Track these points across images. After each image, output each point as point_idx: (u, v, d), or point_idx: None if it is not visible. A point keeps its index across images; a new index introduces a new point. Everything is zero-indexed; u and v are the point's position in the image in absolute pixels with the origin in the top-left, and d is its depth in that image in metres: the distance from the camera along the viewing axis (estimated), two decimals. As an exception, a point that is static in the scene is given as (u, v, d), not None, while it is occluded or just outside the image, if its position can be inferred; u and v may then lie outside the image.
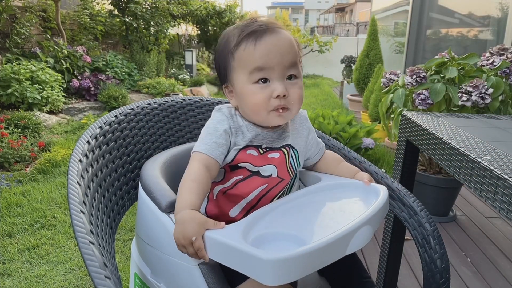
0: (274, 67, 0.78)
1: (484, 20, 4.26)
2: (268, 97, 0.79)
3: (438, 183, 2.24)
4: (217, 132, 0.82)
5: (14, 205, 2.44)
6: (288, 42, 0.81)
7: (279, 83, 0.79)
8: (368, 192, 0.87)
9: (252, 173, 0.84)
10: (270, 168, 0.85)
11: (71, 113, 4.85)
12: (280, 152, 0.87)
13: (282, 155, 0.87)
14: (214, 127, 0.83)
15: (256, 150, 0.84)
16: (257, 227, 0.72)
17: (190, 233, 0.67)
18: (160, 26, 7.05)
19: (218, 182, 0.87)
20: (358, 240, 0.70)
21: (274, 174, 0.85)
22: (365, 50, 5.16)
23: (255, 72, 0.79)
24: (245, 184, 0.84)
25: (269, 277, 0.61)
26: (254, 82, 0.79)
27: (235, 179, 0.85)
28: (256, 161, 0.84)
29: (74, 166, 0.80)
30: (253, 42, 0.78)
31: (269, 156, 0.85)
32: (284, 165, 0.87)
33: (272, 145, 0.86)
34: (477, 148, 0.94)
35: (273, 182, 0.86)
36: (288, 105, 0.81)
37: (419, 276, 1.77)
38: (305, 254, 0.61)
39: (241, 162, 0.83)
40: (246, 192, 0.84)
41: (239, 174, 0.85)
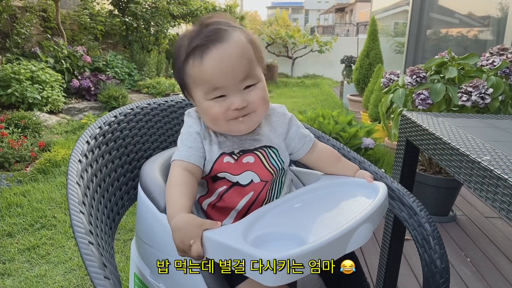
0: (225, 84, 0.74)
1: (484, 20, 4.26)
2: (225, 110, 0.76)
3: (438, 183, 2.24)
4: (191, 136, 0.82)
5: (14, 205, 2.44)
6: (238, 50, 0.75)
7: (236, 97, 0.76)
8: (367, 189, 0.87)
9: (232, 183, 0.82)
10: (248, 175, 0.82)
11: (71, 113, 4.85)
12: (254, 156, 0.84)
13: (257, 158, 0.84)
14: (187, 131, 0.83)
15: (230, 157, 0.82)
16: (256, 227, 0.72)
17: (188, 238, 0.66)
18: (160, 26, 7.05)
19: (204, 195, 0.86)
20: (358, 238, 0.70)
21: (255, 179, 0.83)
22: (365, 50, 5.15)
23: (210, 91, 0.76)
24: (230, 195, 0.83)
25: (268, 278, 0.60)
26: (210, 99, 0.77)
27: (219, 191, 0.83)
28: (232, 169, 0.82)
29: (74, 166, 0.80)
30: (200, 58, 0.74)
31: (244, 161, 0.83)
32: (262, 167, 0.84)
33: (245, 147, 0.83)
34: (477, 148, 0.94)
35: (258, 188, 0.84)
36: (249, 111, 0.78)
37: (419, 276, 1.77)
38: (305, 253, 0.61)
39: (220, 172, 0.82)
40: (234, 203, 0.83)
41: (221, 185, 0.83)
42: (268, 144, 0.86)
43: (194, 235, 0.66)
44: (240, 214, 0.83)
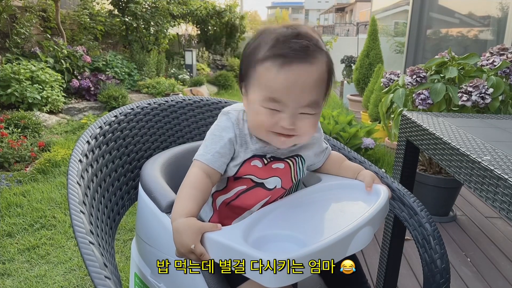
0: (288, 103, 0.73)
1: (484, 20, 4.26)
2: (273, 122, 0.75)
3: (438, 183, 2.24)
4: (222, 141, 0.79)
5: (14, 205, 2.44)
6: (317, 78, 0.73)
7: (288, 117, 0.74)
8: (368, 192, 0.87)
9: (256, 184, 0.82)
10: (274, 180, 0.83)
11: (71, 113, 4.85)
12: (285, 163, 0.84)
13: (287, 166, 0.84)
14: (220, 134, 0.80)
15: (260, 160, 0.81)
16: (257, 228, 0.72)
17: (187, 242, 0.66)
18: (160, 26, 7.04)
19: (220, 191, 0.86)
20: (359, 241, 0.70)
21: (278, 185, 0.84)
22: (365, 50, 5.15)
23: (268, 100, 0.73)
24: (248, 196, 0.83)
25: (269, 279, 0.60)
26: (265, 107, 0.74)
27: (238, 190, 0.83)
28: (260, 173, 0.81)
29: (74, 166, 0.80)
30: (278, 67, 0.71)
31: (274, 167, 0.83)
32: (289, 175, 0.85)
33: (277, 155, 0.83)
34: (477, 148, 0.94)
35: (277, 194, 0.84)
36: (293, 133, 0.76)
37: (419, 276, 1.77)
38: (306, 256, 0.61)
39: (245, 175, 0.82)
40: (249, 205, 0.83)
41: (242, 184, 0.83)
42: (299, 154, 0.87)
43: (193, 239, 0.66)
44: None
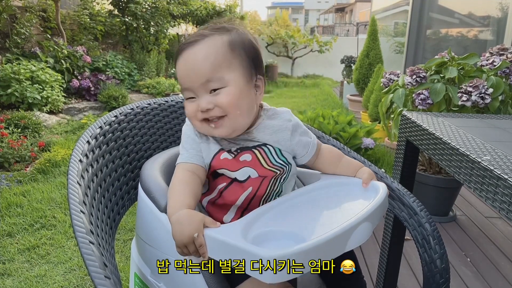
0: (194, 85, 0.78)
1: (484, 20, 4.26)
2: (195, 110, 0.80)
3: (438, 183, 2.24)
4: (188, 138, 0.84)
5: (14, 205, 2.44)
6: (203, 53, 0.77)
7: (202, 98, 0.78)
8: (367, 189, 0.87)
9: (231, 180, 0.83)
10: (245, 171, 0.83)
11: (71, 113, 4.85)
12: (251, 153, 0.84)
13: (254, 156, 0.84)
14: (185, 134, 0.86)
15: (228, 153, 0.83)
16: (256, 226, 0.72)
17: (190, 231, 0.66)
18: (160, 26, 7.05)
19: (204, 193, 0.87)
20: (358, 237, 0.70)
21: (253, 175, 0.83)
22: (365, 50, 5.15)
23: (183, 91, 0.81)
24: (229, 192, 0.84)
25: (268, 275, 0.61)
26: (186, 98, 0.81)
27: (218, 188, 0.85)
28: (230, 165, 0.82)
29: (74, 166, 0.80)
30: (177, 59, 0.80)
31: (241, 159, 0.83)
32: (259, 165, 0.84)
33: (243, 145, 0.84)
34: (477, 148, 0.94)
35: (256, 183, 0.84)
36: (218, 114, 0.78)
37: (419, 276, 1.77)
38: (304, 251, 0.61)
39: (218, 169, 0.83)
40: (233, 200, 0.83)
41: (221, 182, 0.84)
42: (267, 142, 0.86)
43: (196, 228, 0.66)
44: (241, 209, 0.84)
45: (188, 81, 0.79)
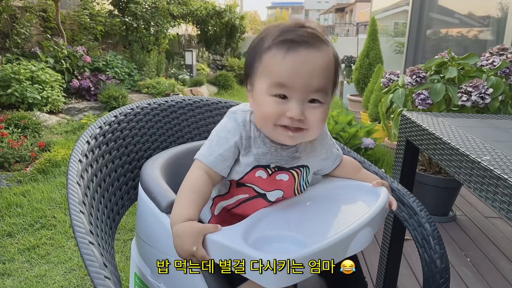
0: (296, 87, 0.70)
1: (484, 20, 4.26)
2: (280, 113, 0.72)
3: (438, 183, 2.24)
4: (227, 143, 0.77)
5: (14, 205, 2.44)
6: (325, 63, 0.71)
7: (297, 105, 0.71)
8: (368, 193, 0.87)
9: (258, 194, 0.81)
10: (277, 193, 0.81)
11: (71, 113, 4.85)
12: (289, 174, 0.81)
13: (291, 178, 0.81)
14: (225, 137, 0.77)
15: (264, 171, 0.79)
16: (257, 229, 0.72)
17: (189, 245, 0.66)
18: (160, 26, 7.05)
19: (221, 196, 0.84)
20: (359, 242, 0.70)
21: (280, 196, 0.82)
22: (365, 50, 5.15)
23: (275, 86, 0.71)
24: (249, 205, 0.81)
25: (270, 280, 0.60)
26: (271, 94, 0.72)
27: (240, 198, 0.82)
28: (264, 185, 0.80)
29: (74, 166, 0.80)
30: (284, 52, 0.70)
31: (277, 178, 0.80)
32: (292, 188, 0.83)
33: (282, 164, 0.80)
34: (477, 148, 0.94)
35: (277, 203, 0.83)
36: (302, 126, 0.73)
37: (419, 276, 1.77)
38: (306, 256, 0.61)
39: (249, 183, 0.80)
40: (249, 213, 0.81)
41: (244, 192, 0.81)
42: (305, 164, 0.83)
43: (194, 242, 0.66)
44: None
45: (297, 80, 0.70)
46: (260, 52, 0.74)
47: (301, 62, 0.70)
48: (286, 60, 0.70)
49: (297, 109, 0.71)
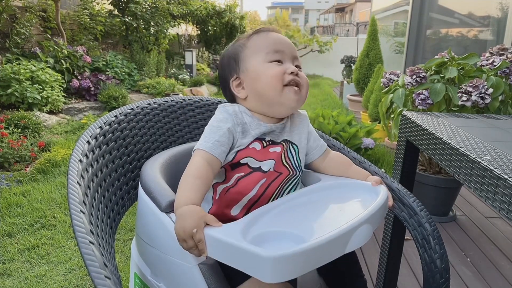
0: (286, 52, 0.88)
1: (484, 20, 4.26)
2: (283, 71, 0.86)
3: (438, 183, 2.24)
4: (221, 130, 0.83)
5: (14, 205, 2.44)
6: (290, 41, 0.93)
7: (291, 65, 0.88)
8: (368, 191, 0.87)
9: (253, 169, 0.85)
10: (269, 162, 0.86)
11: (71, 113, 4.85)
12: (281, 146, 0.89)
13: (282, 149, 0.89)
14: (218, 125, 0.84)
15: (259, 142, 0.86)
16: (256, 226, 0.72)
17: (190, 225, 0.67)
18: (160, 26, 7.05)
19: (220, 182, 0.87)
20: (358, 239, 0.70)
21: (271, 168, 0.86)
22: (365, 50, 5.15)
23: (271, 53, 0.87)
24: (246, 180, 0.85)
25: (268, 274, 0.61)
26: (270, 61, 0.87)
27: (236, 177, 0.85)
28: (258, 155, 0.85)
29: (74, 166, 0.80)
30: (266, 32, 0.90)
31: (271, 150, 0.87)
32: (281, 158, 0.88)
33: (275, 139, 0.89)
34: (477, 148, 0.94)
35: (271, 177, 0.86)
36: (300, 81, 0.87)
37: (419, 276, 1.77)
38: (304, 251, 0.62)
39: (243, 158, 0.84)
40: (248, 189, 0.85)
41: (240, 171, 0.85)
42: (289, 139, 0.91)
43: (196, 224, 0.68)
44: (251, 201, 0.85)
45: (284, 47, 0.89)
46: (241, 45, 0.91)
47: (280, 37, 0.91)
48: (270, 36, 0.90)
49: (292, 66, 0.88)
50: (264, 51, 0.88)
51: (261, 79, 0.87)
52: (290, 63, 0.88)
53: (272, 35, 0.90)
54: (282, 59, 0.88)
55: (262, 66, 0.87)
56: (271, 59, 0.87)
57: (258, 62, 0.88)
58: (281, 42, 0.89)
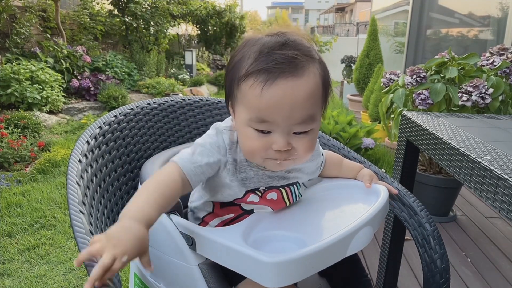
0: (278, 122, 0.65)
1: (484, 20, 4.26)
2: (265, 147, 0.68)
3: (438, 183, 2.24)
4: (211, 158, 0.72)
5: (14, 205, 2.44)
6: (308, 92, 0.65)
7: (282, 137, 0.66)
8: (368, 192, 0.87)
9: (244, 211, 0.79)
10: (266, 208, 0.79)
11: (71, 113, 4.85)
12: (278, 192, 0.79)
13: (280, 195, 0.79)
14: (211, 150, 0.73)
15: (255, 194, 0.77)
16: (257, 229, 0.72)
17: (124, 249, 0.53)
18: (160, 26, 7.05)
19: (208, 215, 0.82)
20: (359, 241, 0.70)
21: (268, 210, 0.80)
22: (365, 50, 5.15)
23: (255, 121, 0.66)
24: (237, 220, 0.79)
25: (270, 279, 0.60)
26: (253, 127, 0.68)
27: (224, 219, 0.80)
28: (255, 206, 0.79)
29: (74, 166, 0.80)
30: (262, 84, 0.64)
31: (268, 198, 0.78)
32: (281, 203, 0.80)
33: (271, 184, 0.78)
34: (477, 148, 0.94)
35: None
36: (290, 156, 0.69)
37: (419, 276, 1.77)
38: (305, 256, 0.61)
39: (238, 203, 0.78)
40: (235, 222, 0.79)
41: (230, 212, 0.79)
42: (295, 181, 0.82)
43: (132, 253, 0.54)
44: None
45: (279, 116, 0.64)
46: (237, 78, 0.68)
47: (281, 96, 0.64)
48: (264, 95, 0.64)
49: (282, 142, 0.66)
50: (249, 113, 0.67)
51: (241, 141, 0.72)
52: (282, 133, 0.66)
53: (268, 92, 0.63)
54: (272, 129, 0.67)
55: (244, 129, 0.69)
56: (254, 126, 0.67)
57: (242, 118, 0.69)
58: (274, 109, 0.64)
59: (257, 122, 0.67)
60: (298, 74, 0.64)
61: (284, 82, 0.64)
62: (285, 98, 0.64)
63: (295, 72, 0.64)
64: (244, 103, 0.68)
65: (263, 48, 0.66)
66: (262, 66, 0.64)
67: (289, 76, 0.64)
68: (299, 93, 0.64)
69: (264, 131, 0.67)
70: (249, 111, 0.67)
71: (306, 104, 0.65)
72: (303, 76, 0.65)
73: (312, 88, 0.66)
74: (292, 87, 0.64)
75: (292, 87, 0.64)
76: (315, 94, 0.67)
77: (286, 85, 0.64)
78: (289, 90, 0.64)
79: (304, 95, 0.65)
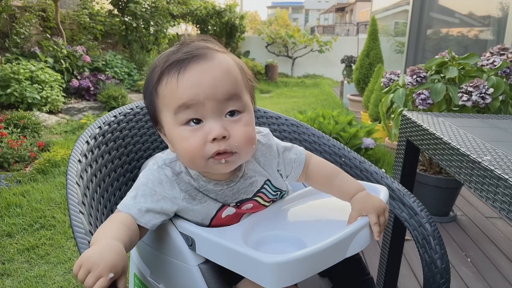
0: (203, 102, 0.62)
1: (484, 20, 4.26)
2: (202, 141, 0.63)
3: (438, 183, 2.24)
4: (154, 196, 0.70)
5: (14, 205, 2.44)
6: (224, 68, 0.65)
7: (215, 122, 0.63)
8: (369, 192, 0.86)
9: None
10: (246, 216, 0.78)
11: (71, 113, 4.85)
12: (253, 202, 0.77)
13: (256, 204, 0.78)
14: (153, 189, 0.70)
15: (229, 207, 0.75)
16: (257, 229, 0.71)
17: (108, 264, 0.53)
18: (160, 25, 7.05)
19: None
20: (359, 242, 0.70)
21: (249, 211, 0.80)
22: (365, 50, 5.15)
23: (180, 111, 0.63)
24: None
25: (270, 280, 0.60)
26: (182, 124, 0.64)
27: None
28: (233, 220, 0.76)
29: (73, 166, 0.80)
30: (176, 74, 0.63)
31: (244, 208, 0.77)
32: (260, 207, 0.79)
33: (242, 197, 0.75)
34: (478, 148, 0.93)
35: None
36: (231, 148, 0.65)
37: (419, 276, 1.77)
38: (306, 257, 0.61)
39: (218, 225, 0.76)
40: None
41: None
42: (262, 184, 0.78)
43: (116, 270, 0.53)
44: None
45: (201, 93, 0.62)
46: (153, 86, 0.67)
47: (197, 75, 0.63)
48: (181, 81, 0.63)
49: (216, 126, 0.63)
50: (172, 108, 0.64)
51: (177, 148, 0.68)
52: (215, 117, 0.63)
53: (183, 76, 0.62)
54: (201, 115, 0.63)
55: (174, 132, 0.66)
56: (182, 120, 0.64)
57: (169, 123, 0.66)
58: (194, 89, 0.62)
59: (182, 111, 0.64)
60: (208, 58, 0.65)
61: (197, 65, 0.64)
62: (203, 75, 0.63)
63: (205, 57, 0.65)
64: (165, 103, 0.66)
65: (169, 53, 0.67)
66: (172, 60, 0.65)
67: (201, 61, 0.64)
68: (215, 70, 0.64)
69: (194, 119, 0.64)
70: (172, 106, 0.65)
71: (225, 79, 0.64)
72: (214, 59, 0.65)
73: (227, 66, 0.66)
74: (206, 67, 0.64)
75: (206, 67, 0.64)
76: (232, 71, 0.66)
77: (200, 67, 0.64)
78: (204, 69, 0.64)
79: (220, 70, 0.64)
